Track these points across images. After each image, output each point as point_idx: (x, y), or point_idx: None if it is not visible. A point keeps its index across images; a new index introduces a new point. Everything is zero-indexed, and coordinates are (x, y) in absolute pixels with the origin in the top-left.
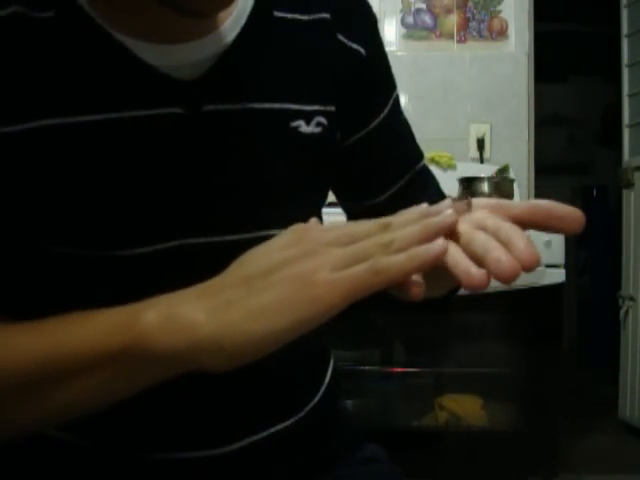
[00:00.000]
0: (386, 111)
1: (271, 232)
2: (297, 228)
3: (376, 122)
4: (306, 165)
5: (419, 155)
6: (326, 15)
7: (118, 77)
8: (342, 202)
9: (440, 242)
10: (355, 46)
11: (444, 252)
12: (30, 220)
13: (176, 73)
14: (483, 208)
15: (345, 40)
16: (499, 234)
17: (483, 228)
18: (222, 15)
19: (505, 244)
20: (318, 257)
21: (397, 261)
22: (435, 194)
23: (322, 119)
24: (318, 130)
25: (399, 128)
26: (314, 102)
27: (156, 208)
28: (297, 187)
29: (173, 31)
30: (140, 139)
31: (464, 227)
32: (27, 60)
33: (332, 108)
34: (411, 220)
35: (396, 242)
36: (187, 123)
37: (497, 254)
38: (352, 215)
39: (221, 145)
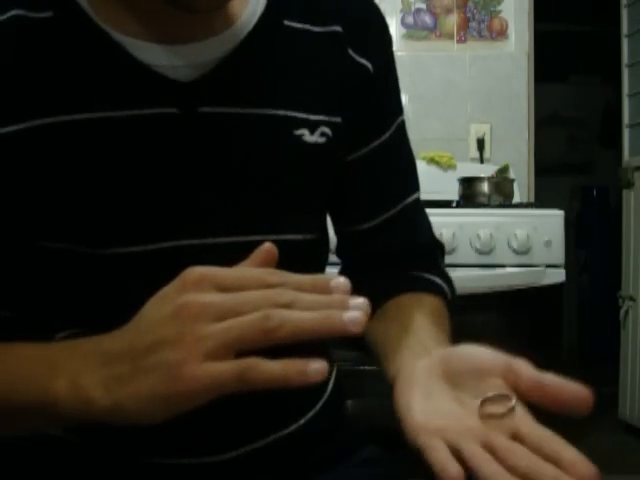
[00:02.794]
0: (388, 134)
1: (265, 237)
2: (185, 288)
3: (376, 143)
4: (308, 174)
5: (415, 187)
6: (338, 28)
7: (114, 76)
8: (333, 223)
9: (321, 366)
10: (364, 61)
11: (323, 377)
12: (25, 216)
13: (175, 73)
14: (494, 375)
15: (355, 55)
16: (542, 447)
17: (519, 437)
18: (229, 19)
19: (554, 461)
20: (190, 343)
21: (268, 372)
22: (426, 235)
23: (327, 130)
24: (322, 140)
25: (399, 155)
26: (319, 112)
27: (147, 207)
28: (296, 194)
29: (177, 31)
30: (134, 138)
31: (498, 437)
32: (25, 60)
33: (338, 119)
34: (313, 300)
35: (283, 329)
36: (182, 124)
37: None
38: (342, 240)
39: (215, 147)
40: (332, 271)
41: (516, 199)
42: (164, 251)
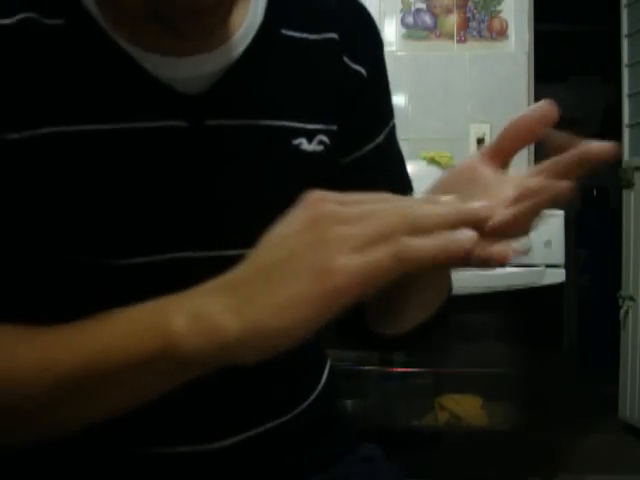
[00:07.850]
0: (381, 138)
1: None
2: (311, 204)
3: (369, 147)
4: (307, 183)
5: (409, 188)
6: (334, 35)
7: (122, 87)
8: None
9: (470, 233)
10: (357, 67)
11: (472, 246)
12: (28, 226)
13: (181, 86)
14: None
15: (349, 62)
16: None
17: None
18: (230, 30)
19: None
20: (334, 242)
21: (422, 248)
22: None
23: (324, 138)
24: (320, 149)
25: (391, 158)
26: (317, 121)
27: (154, 219)
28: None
29: (180, 43)
30: (142, 150)
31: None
32: (34, 66)
33: (334, 128)
34: (441, 203)
35: (422, 221)
36: (189, 137)
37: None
38: None
39: (222, 160)
40: None
41: None
42: (168, 262)
